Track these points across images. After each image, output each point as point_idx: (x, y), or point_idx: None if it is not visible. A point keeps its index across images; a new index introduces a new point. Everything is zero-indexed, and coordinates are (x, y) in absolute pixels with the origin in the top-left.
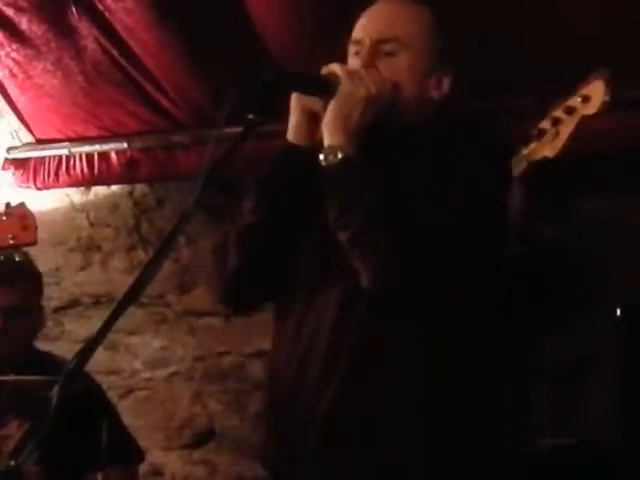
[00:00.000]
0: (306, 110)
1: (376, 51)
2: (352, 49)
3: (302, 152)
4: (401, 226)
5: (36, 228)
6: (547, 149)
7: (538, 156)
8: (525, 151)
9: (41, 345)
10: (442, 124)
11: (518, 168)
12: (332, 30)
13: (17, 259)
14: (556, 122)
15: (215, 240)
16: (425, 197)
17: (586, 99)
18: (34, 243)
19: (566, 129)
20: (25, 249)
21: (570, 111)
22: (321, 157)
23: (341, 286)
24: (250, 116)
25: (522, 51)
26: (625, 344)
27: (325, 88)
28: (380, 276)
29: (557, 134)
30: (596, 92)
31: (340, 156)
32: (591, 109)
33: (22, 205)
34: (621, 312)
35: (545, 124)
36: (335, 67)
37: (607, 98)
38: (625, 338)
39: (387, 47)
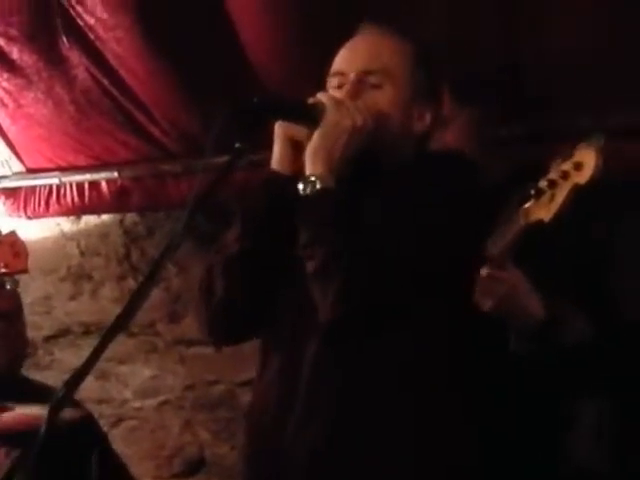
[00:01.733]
0: (290, 138)
1: (362, 82)
2: (333, 81)
3: (286, 181)
4: (366, 263)
5: (27, 255)
6: (544, 212)
7: (535, 217)
8: (522, 209)
9: (31, 374)
10: (421, 159)
11: (513, 225)
12: (321, 59)
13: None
14: (552, 185)
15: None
16: (397, 234)
17: (578, 166)
18: (26, 271)
19: (561, 194)
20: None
21: (565, 176)
22: (300, 186)
23: (321, 323)
24: (237, 145)
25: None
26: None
27: (311, 116)
28: (337, 310)
29: (553, 197)
30: (588, 161)
31: (318, 186)
32: (582, 178)
33: (13, 233)
34: None
35: (543, 184)
36: (322, 96)
37: (598, 169)
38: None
39: (372, 79)
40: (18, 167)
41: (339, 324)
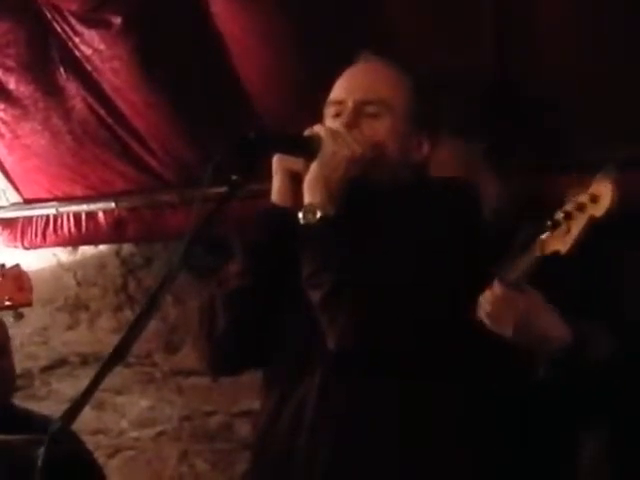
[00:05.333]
0: (288, 171)
1: (359, 112)
2: (331, 110)
3: (287, 214)
4: (372, 290)
5: (32, 289)
6: (560, 244)
7: (551, 249)
8: (539, 240)
9: (28, 405)
10: (417, 187)
11: (528, 255)
12: (317, 90)
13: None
14: (568, 216)
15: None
16: (396, 259)
17: (595, 199)
18: (30, 304)
19: (577, 226)
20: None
21: (581, 208)
22: (300, 215)
23: (328, 353)
24: (234, 177)
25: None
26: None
27: (308, 149)
28: (346, 338)
29: (569, 230)
30: (604, 193)
31: (319, 215)
32: (599, 211)
33: (17, 266)
34: None
35: (559, 216)
36: (318, 128)
37: (614, 202)
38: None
39: (370, 109)
40: (15, 198)
41: (348, 353)
